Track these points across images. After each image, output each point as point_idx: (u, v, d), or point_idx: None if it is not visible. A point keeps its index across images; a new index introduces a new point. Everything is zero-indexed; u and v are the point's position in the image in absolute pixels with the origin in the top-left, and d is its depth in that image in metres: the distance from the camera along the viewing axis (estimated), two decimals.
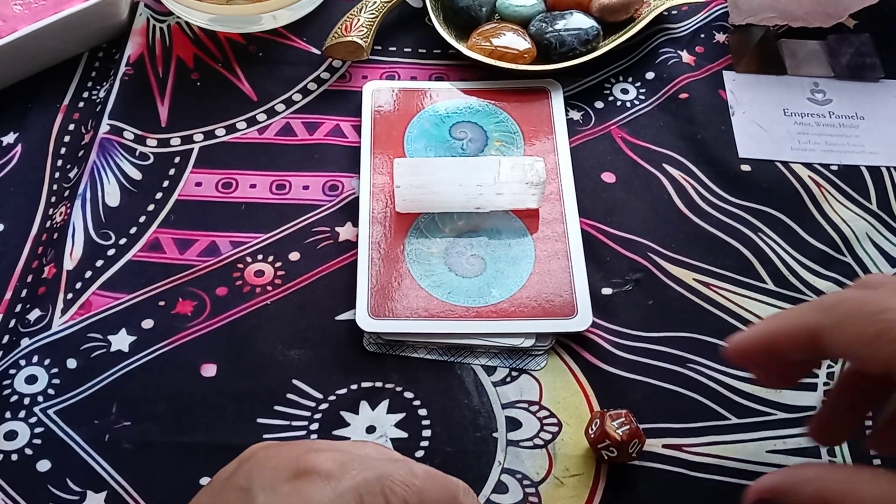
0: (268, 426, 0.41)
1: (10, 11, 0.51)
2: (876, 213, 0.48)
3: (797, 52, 0.54)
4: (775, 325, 0.33)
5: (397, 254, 0.45)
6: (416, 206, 0.46)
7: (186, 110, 0.52)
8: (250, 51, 0.54)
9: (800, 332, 0.31)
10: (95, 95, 0.53)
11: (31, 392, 0.41)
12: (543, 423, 0.41)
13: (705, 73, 0.53)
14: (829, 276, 0.46)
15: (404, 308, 0.43)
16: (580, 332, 0.43)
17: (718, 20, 0.56)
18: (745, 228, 0.47)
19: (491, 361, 0.43)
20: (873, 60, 0.54)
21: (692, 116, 0.51)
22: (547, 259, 0.45)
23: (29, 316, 0.43)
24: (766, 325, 0.33)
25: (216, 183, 0.49)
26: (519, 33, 0.52)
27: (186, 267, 0.45)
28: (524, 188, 0.45)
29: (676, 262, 0.46)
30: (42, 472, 0.39)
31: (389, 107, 0.51)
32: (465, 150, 0.49)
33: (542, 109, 0.51)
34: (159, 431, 0.40)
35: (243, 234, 0.47)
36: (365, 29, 0.52)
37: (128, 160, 0.49)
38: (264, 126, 0.51)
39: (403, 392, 0.42)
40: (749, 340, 0.34)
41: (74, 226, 0.46)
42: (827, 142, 0.51)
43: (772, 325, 0.33)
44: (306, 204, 0.48)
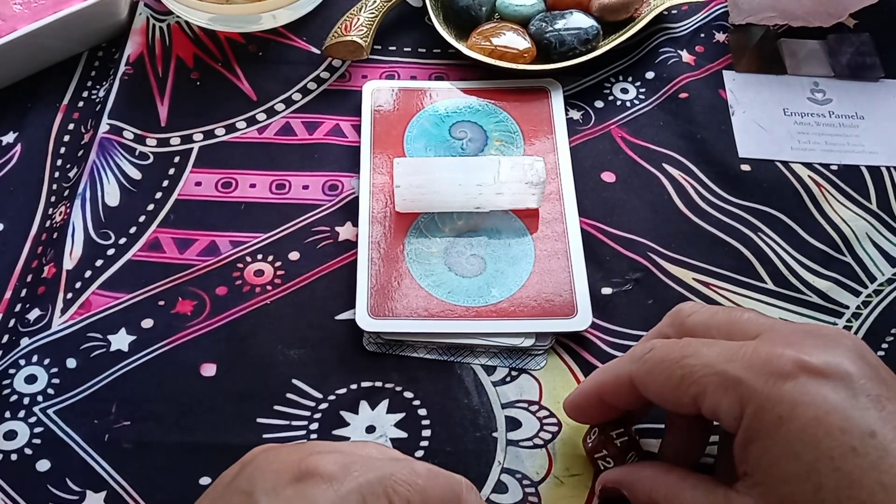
0: (267, 426, 0.41)
1: (9, 10, 0.51)
2: (876, 213, 0.48)
3: (797, 52, 0.54)
4: (600, 378, 0.36)
5: (397, 253, 0.45)
6: (416, 206, 0.46)
7: (186, 110, 0.52)
8: (250, 50, 0.54)
9: (621, 382, 0.35)
10: (95, 95, 0.53)
11: (31, 392, 0.41)
12: (543, 422, 0.41)
13: (705, 73, 0.53)
14: (829, 276, 0.46)
15: (404, 308, 0.43)
16: (580, 332, 0.43)
17: (718, 20, 0.56)
18: (744, 228, 0.47)
19: (491, 361, 0.43)
20: (873, 60, 0.54)
21: (692, 116, 0.51)
22: (547, 259, 0.45)
23: (28, 315, 0.43)
24: (593, 379, 0.37)
25: (216, 182, 0.49)
26: (519, 33, 0.52)
27: (186, 266, 0.45)
28: (524, 188, 0.45)
29: (676, 262, 0.46)
30: (41, 471, 0.39)
31: (389, 106, 0.51)
32: (465, 150, 0.49)
33: (542, 109, 0.51)
34: (159, 431, 0.40)
35: (243, 234, 0.47)
36: (365, 28, 0.52)
37: (127, 160, 0.49)
38: (264, 126, 0.51)
39: (403, 392, 0.42)
40: (581, 396, 0.37)
41: (74, 225, 0.46)
42: (827, 141, 0.51)
43: (597, 379, 0.36)
44: (306, 203, 0.48)
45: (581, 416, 0.38)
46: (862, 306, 0.45)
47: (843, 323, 0.44)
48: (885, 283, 0.45)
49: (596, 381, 0.36)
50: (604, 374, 0.36)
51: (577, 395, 0.38)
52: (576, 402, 0.38)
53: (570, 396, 0.38)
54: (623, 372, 0.34)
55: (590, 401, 0.37)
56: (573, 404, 0.38)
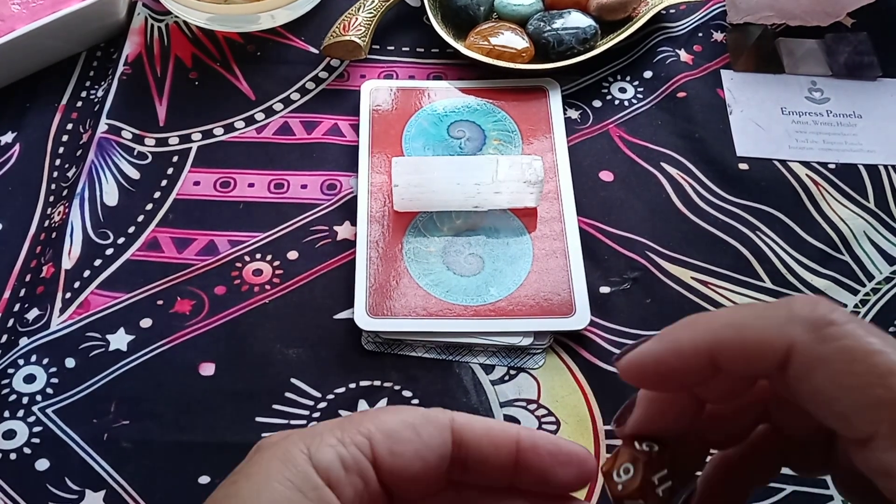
0: (266, 425, 0.41)
1: (8, 11, 0.51)
2: (874, 212, 0.48)
3: (795, 51, 0.54)
4: (719, 331, 0.24)
5: (395, 253, 0.45)
6: (415, 205, 0.46)
7: (184, 109, 0.52)
8: (248, 50, 0.54)
9: (763, 348, 0.23)
10: (93, 95, 0.53)
11: (30, 391, 0.41)
12: (542, 421, 0.41)
13: (703, 72, 0.53)
14: (827, 275, 0.46)
15: (403, 307, 0.43)
16: (578, 331, 0.43)
17: (716, 19, 0.56)
18: (742, 227, 0.47)
19: (489, 360, 0.43)
20: (871, 59, 0.54)
21: (690, 115, 0.51)
22: (545, 258, 0.45)
23: (27, 315, 0.43)
24: (704, 327, 0.24)
25: (214, 182, 0.49)
26: (517, 32, 0.52)
27: (185, 266, 0.45)
28: (522, 187, 0.45)
29: (674, 261, 0.46)
30: (41, 471, 0.39)
31: (387, 106, 0.51)
32: (464, 149, 0.50)
33: (540, 108, 0.51)
34: (158, 430, 0.40)
35: (241, 234, 0.47)
36: (363, 28, 0.52)
37: (126, 159, 0.49)
38: (262, 125, 0.51)
39: (402, 391, 0.42)
40: (671, 351, 0.24)
41: (73, 225, 0.46)
42: (825, 140, 0.51)
43: (713, 330, 0.24)
44: (304, 203, 0.48)
45: (653, 379, 0.25)
46: (860, 305, 0.45)
47: None
48: (882, 281, 0.45)
49: (711, 332, 0.23)
50: (728, 329, 0.23)
51: (665, 348, 0.24)
52: (660, 358, 0.24)
53: (648, 347, 0.25)
54: (775, 335, 0.22)
55: (686, 360, 0.24)
56: (654, 358, 0.24)
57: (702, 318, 0.24)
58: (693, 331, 0.24)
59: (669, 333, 0.25)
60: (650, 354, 0.25)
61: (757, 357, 0.23)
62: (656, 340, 0.25)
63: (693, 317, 0.25)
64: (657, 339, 0.25)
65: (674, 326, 0.25)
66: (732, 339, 0.23)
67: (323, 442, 0.25)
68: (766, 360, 0.22)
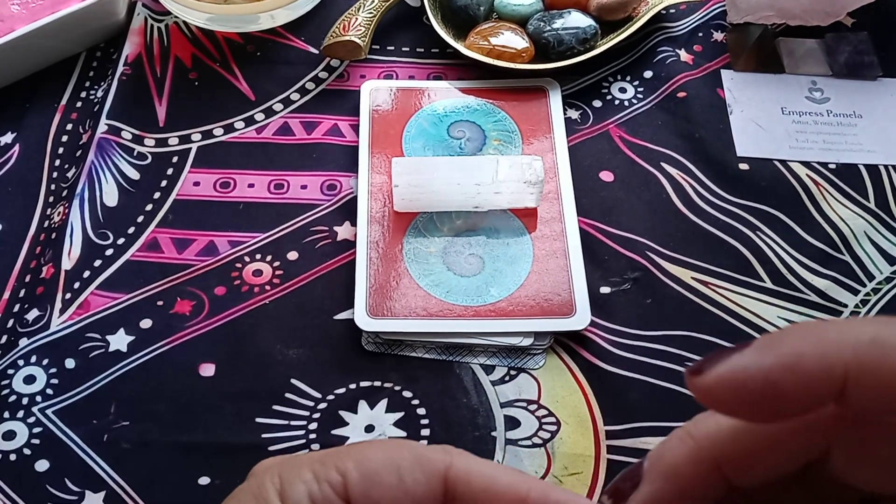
0: (266, 426, 0.41)
1: (7, 11, 0.51)
2: (874, 212, 0.48)
3: (795, 51, 0.54)
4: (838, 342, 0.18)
5: (395, 253, 0.45)
6: (415, 206, 0.46)
7: (184, 110, 0.51)
8: (248, 50, 0.54)
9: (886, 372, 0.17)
10: (93, 95, 0.53)
11: (30, 392, 0.41)
12: (542, 421, 0.41)
13: (703, 72, 0.53)
14: (828, 275, 0.46)
15: (403, 307, 0.43)
16: (578, 331, 0.43)
17: (716, 19, 0.56)
18: (743, 227, 0.47)
19: (489, 360, 0.43)
20: (871, 59, 0.54)
21: (690, 115, 0.51)
22: (545, 258, 0.45)
23: (27, 316, 0.43)
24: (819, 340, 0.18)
25: (214, 182, 0.49)
26: (517, 32, 0.52)
27: (185, 266, 0.45)
28: (522, 187, 0.45)
29: (675, 261, 0.46)
30: (40, 472, 0.39)
31: (387, 106, 0.51)
32: (464, 150, 0.49)
33: (540, 108, 0.51)
34: (158, 431, 0.40)
35: (241, 234, 0.47)
36: (363, 28, 0.52)
37: (126, 160, 0.49)
38: (262, 125, 0.51)
39: (402, 391, 0.42)
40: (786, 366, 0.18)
41: (72, 225, 0.46)
42: (825, 140, 0.51)
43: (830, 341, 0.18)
44: (304, 203, 0.48)
45: (758, 404, 0.18)
46: (860, 305, 0.45)
47: None
48: (883, 281, 0.45)
49: (850, 349, 0.18)
50: (873, 347, 0.17)
51: (780, 362, 0.18)
52: (772, 375, 0.18)
53: (751, 360, 0.18)
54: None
55: (810, 383, 0.18)
56: (764, 374, 0.18)
57: (829, 329, 0.18)
58: (822, 344, 0.18)
59: (784, 344, 0.18)
60: (757, 369, 0.18)
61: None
62: (762, 351, 0.18)
63: (811, 325, 0.19)
64: (762, 349, 0.18)
65: (783, 336, 0.18)
66: (880, 364, 0.17)
67: (298, 477, 0.23)
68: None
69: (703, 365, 0.19)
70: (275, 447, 0.40)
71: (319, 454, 0.24)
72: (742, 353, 0.18)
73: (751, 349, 0.18)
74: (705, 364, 0.19)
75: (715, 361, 0.19)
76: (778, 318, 0.44)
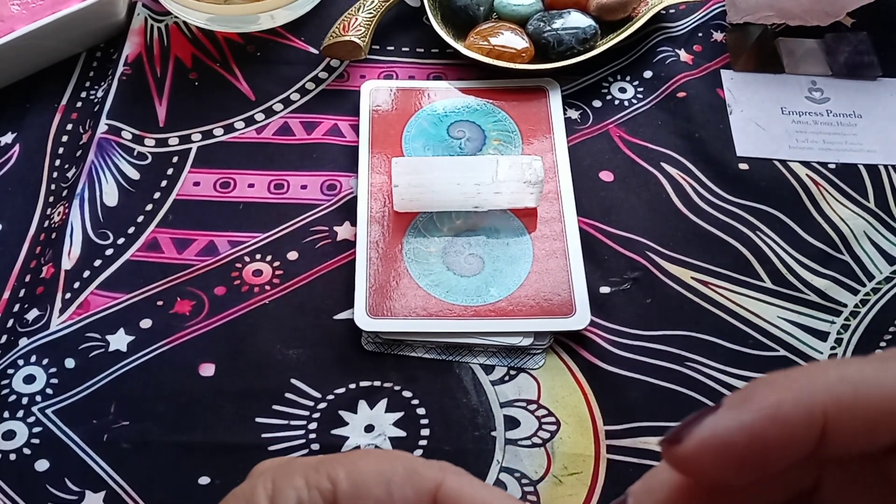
0: (266, 425, 0.41)
1: (7, 11, 0.51)
2: (874, 212, 0.48)
3: (795, 51, 0.54)
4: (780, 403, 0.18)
5: (395, 253, 0.45)
6: (415, 206, 0.46)
7: (184, 110, 0.51)
8: (248, 50, 0.54)
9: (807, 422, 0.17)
10: (93, 95, 0.53)
11: (30, 392, 0.41)
12: (542, 421, 0.41)
13: (703, 72, 0.53)
14: (828, 275, 0.46)
15: (403, 307, 0.43)
16: (578, 331, 0.43)
17: (716, 19, 0.56)
18: (743, 227, 0.47)
19: (489, 360, 0.43)
20: (871, 59, 0.54)
21: (690, 115, 0.51)
22: (545, 258, 0.45)
23: (27, 316, 0.43)
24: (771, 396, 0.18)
25: (214, 182, 0.49)
26: (517, 32, 0.52)
27: (185, 266, 0.45)
28: (522, 187, 0.45)
29: (674, 261, 0.46)
30: (40, 471, 0.39)
31: (387, 106, 0.51)
32: (463, 150, 0.49)
33: (540, 108, 0.51)
34: (158, 431, 0.40)
35: (241, 234, 0.47)
36: (363, 28, 0.52)
37: (126, 160, 0.49)
38: (262, 126, 0.51)
39: (402, 391, 0.42)
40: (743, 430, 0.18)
41: (72, 225, 0.46)
42: (825, 140, 0.51)
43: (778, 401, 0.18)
44: (304, 203, 0.48)
45: (744, 465, 0.18)
46: (860, 305, 0.45)
47: (841, 321, 0.44)
48: (883, 281, 0.45)
49: (825, 390, 0.18)
50: (846, 386, 0.18)
51: (760, 416, 0.18)
52: (755, 431, 0.18)
53: (730, 420, 0.18)
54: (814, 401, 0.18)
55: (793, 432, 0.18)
56: (747, 433, 0.18)
57: (798, 376, 0.18)
58: (797, 390, 0.18)
59: (757, 397, 0.18)
60: (737, 429, 0.17)
61: (887, 425, 0.17)
62: (737, 408, 0.18)
63: (779, 375, 0.18)
64: (737, 406, 0.18)
65: (753, 390, 0.18)
66: (854, 400, 0.17)
67: (289, 483, 0.23)
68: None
69: (679, 433, 0.18)
70: (275, 447, 0.40)
71: (315, 460, 0.24)
72: (717, 415, 0.18)
73: (724, 409, 0.18)
74: (681, 432, 0.18)
75: (690, 427, 0.18)
76: (778, 317, 0.44)
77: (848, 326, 0.44)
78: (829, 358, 0.43)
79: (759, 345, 0.43)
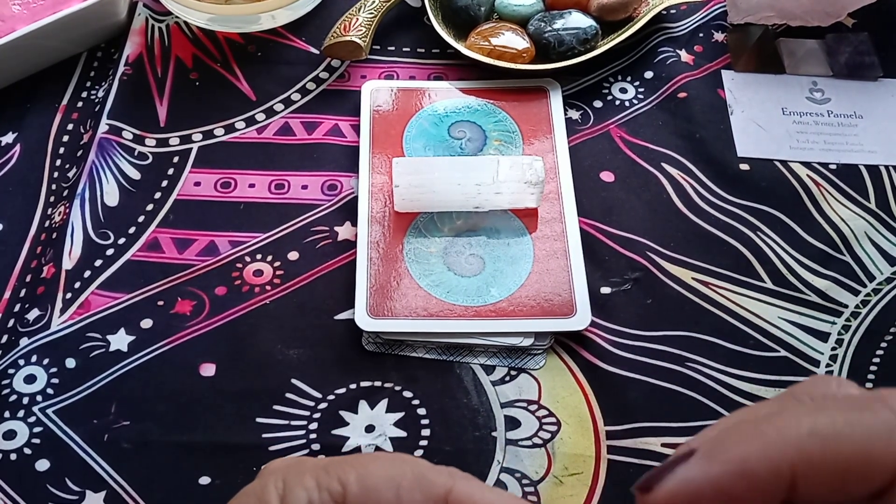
0: (267, 425, 0.41)
1: (8, 11, 0.51)
2: (874, 212, 0.48)
3: (796, 52, 0.54)
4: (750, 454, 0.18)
5: (396, 253, 0.45)
6: (415, 206, 0.46)
7: (185, 110, 0.52)
8: (249, 50, 0.54)
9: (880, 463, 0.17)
10: (94, 95, 0.53)
11: (30, 391, 0.41)
12: (542, 422, 0.41)
13: (704, 73, 0.53)
14: (828, 275, 0.46)
15: (403, 307, 0.43)
16: (579, 332, 0.43)
17: (717, 19, 0.56)
18: (743, 227, 0.47)
19: (490, 360, 0.43)
20: (872, 59, 0.54)
21: (691, 115, 0.51)
22: (546, 258, 0.45)
23: (28, 315, 0.43)
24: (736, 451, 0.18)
25: (215, 182, 0.49)
26: (517, 33, 0.52)
27: (185, 266, 0.45)
28: (523, 187, 0.45)
29: (675, 262, 0.46)
30: (41, 471, 0.39)
31: (388, 106, 0.51)
32: (464, 150, 0.50)
33: (541, 109, 0.51)
34: (158, 431, 0.40)
35: (242, 234, 0.47)
36: (364, 28, 0.52)
37: (126, 160, 0.49)
38: (263, 126, 0.51)
39: (402, 391, 0.42)
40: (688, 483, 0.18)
41: (73, 225, 0.46)
42: (826, 141, 0.51)
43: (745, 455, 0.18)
44: (305, 203, 0.48)
45: None
46: (861, 305, 0.45)
47: (842, 322, 0.44)
48: (883, 282, 0.45)
49: (793, 445, 0.18)
50: (815, 440, 0.18)
51: (726, 470, 0.18)
52: (720, 484, 0.18)
53: (696, 471, 0.18)
54: (884, 448, 0.18)
55: (759, 486, 0.18)
56: (712, 485, 0.18)
57: (768, 429, 0.18)
58: (764, 444, 0.18)
59: (725, 450, 0.18)
60: (704, 481, 0.18)
61: (858, 478, 0.17)
62: (706, 460, 0.18)
63: (749, 425, 0.18)
64: (706, 458, 0.18)
65: (723, 439, 0.18)
66: (823, 455, 0.17)
67: (300, 483, 0.23)
68: (868, 482, 0.17)
69: (651, 481, 0.19)
70: (275, 447, 0.40)
71: (325, 461, 0.24)
72: (687, 465, 0.18)
73: (695, 459, 0.18)
74: (652, 480, 0.19)
75: (661, 476, 0.19)
76: (778, 318, 0.44)
77: (849, 327, 0.44)
78: (830, 358, 0.43)
79: (760, 345, 0.43)
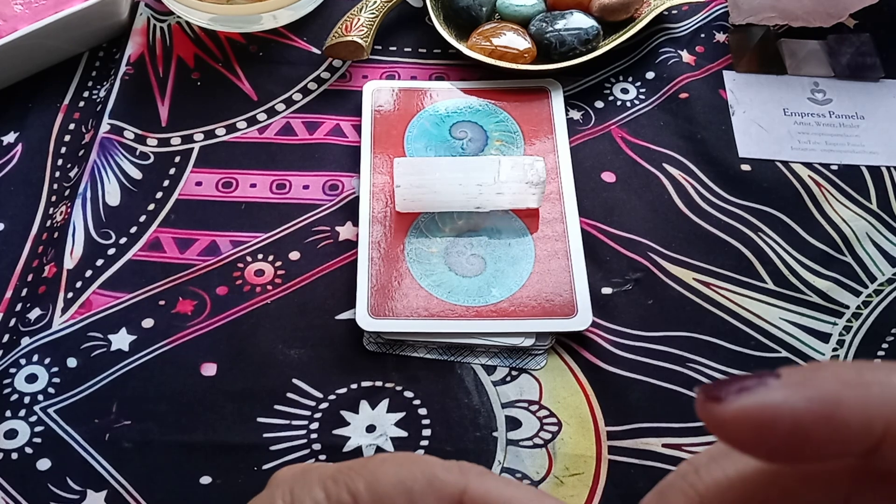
0: (268, 425, 0.41)
1: (10, 11, 0.51)
2: (876, 213, 0.48)
3: (797, 52, 0.54)
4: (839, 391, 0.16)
5: (397, 253, 0.45)
6: (416, 206, 0.46)
7: (187, 110, 0.52)
8: (251, 50, 0.54)
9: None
10: (96, 95, 0.53)
11: (32, 391, 0.41)
12: (543, 422, 0.41)
13: (705, 73, 0.53)
14: (830, 276, 0.46)
15: (404, 307, 0.43)
16: (580, 332, 0.43)
17: (718, 20, 0.56)
18: (745, 228, 0.47)
19: (491, 361, 0.43)
20: (873, 60, 0.54)
21: (692, 116, 0.51)
22: (547, 258, 0.45)
23: (29, 315, 0.43)
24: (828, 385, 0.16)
25: (216, 182, 0.49)
26: (519, 33, 0.52)
27: (187, 266, 0.45)
28: (524, 188, 0.45)
29: (676, 262, 0.46)
30: (42, 470, 0.39)
31: (389, 106, 0.51)
32: (465, 150, 0.50)
33: (542, 109, 0.51)
34: (159, 431, 0.40)
35: (243, 234, 0.47)
36: (365, 28, 0.52)
37: (128, 159, 0.49)
38: (264, 126, 0.51)
39: (403, 391, 0.42)
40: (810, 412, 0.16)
41: (75, 225, 0.46)
42: (827, 141, 0.51)
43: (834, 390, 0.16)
44: (306, 203, 0.48)
45: (783, 446, 0.16)
46: (862, 306, 0.45)
47: (843, 323, 0.44)
48: (885, 282, 0.45)
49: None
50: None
51: (814, 408, 0.16)
52: (802, 418, 0.16)
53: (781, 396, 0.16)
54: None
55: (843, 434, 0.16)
56: (794, 416, 0.16)
57: (871, 381, 0.16)
58: (865, 395, 0.16)
59: (819, 385, 0.16)
60: (788, 410, 0.16)
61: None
62: (793, 389, 0.16)
63: (849, 368, 0.17)
64: (793, 386, 0.16)
65: (816, 373, 0.17)
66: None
67: (309, 495, 0.23)
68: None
69: (721, 391, 0.17)
70: (276, 447, 0.40)
71: (333, 469, 0.24)
72: (769, 388, 0.16)
73: (780, 384, 0.16)
74: (723, 391, 0.17)
75: (735, 390, 0.17)
76: (780, 319, 0.44)
77: (850, 328, 0.44)
78: (831, 359, 0.43)
79: (761, 346, 0.43)
